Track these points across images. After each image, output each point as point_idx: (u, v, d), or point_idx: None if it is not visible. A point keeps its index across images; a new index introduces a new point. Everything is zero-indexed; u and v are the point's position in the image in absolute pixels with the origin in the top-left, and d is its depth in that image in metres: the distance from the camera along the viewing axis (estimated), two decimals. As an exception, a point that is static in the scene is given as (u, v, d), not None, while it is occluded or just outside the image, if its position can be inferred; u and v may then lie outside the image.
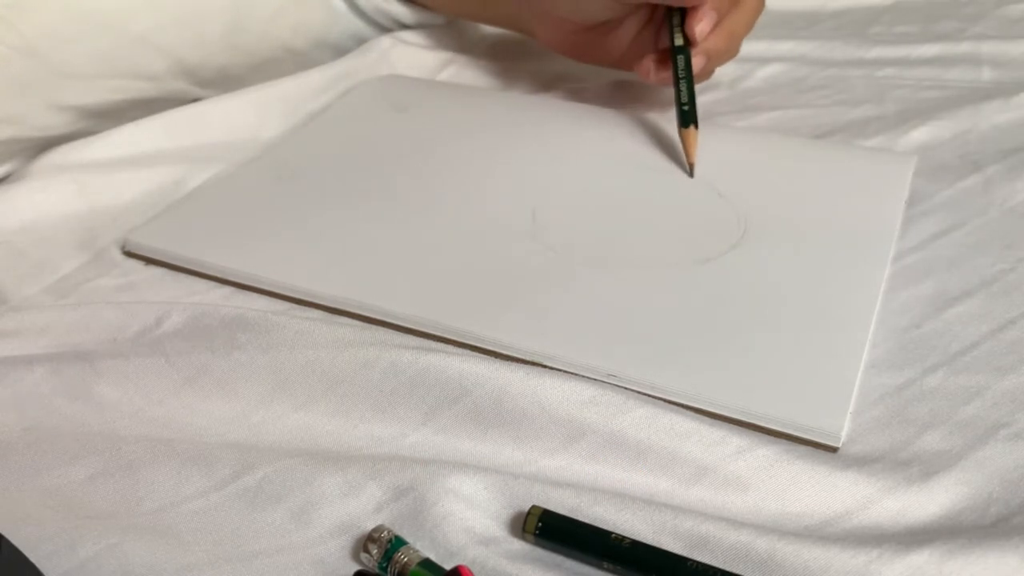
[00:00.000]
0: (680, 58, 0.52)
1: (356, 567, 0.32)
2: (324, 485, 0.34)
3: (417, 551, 0.31)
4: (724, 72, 0.64)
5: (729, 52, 0.55)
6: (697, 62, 0.53)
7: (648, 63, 0.55)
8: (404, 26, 0.70)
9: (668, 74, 0.53)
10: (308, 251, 0.46)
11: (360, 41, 0.68)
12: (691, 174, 0.51)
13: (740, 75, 0.64)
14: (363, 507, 0.34)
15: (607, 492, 0.34)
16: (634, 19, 0.56)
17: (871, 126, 0.57)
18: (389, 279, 0.44)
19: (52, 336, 0.42)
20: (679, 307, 0.42)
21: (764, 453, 0.34)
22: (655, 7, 0.55)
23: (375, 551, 0.32)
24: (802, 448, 0.35)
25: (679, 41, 0.53)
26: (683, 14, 0.53)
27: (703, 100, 0.61)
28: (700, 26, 0.51)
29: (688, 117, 0.52)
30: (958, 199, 0.49)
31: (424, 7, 0.69)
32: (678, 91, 0.52)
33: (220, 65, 0.61)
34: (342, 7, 0.67)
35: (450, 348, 0.40)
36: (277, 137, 0.58)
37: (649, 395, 0.37)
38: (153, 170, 0.53)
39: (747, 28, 0.55)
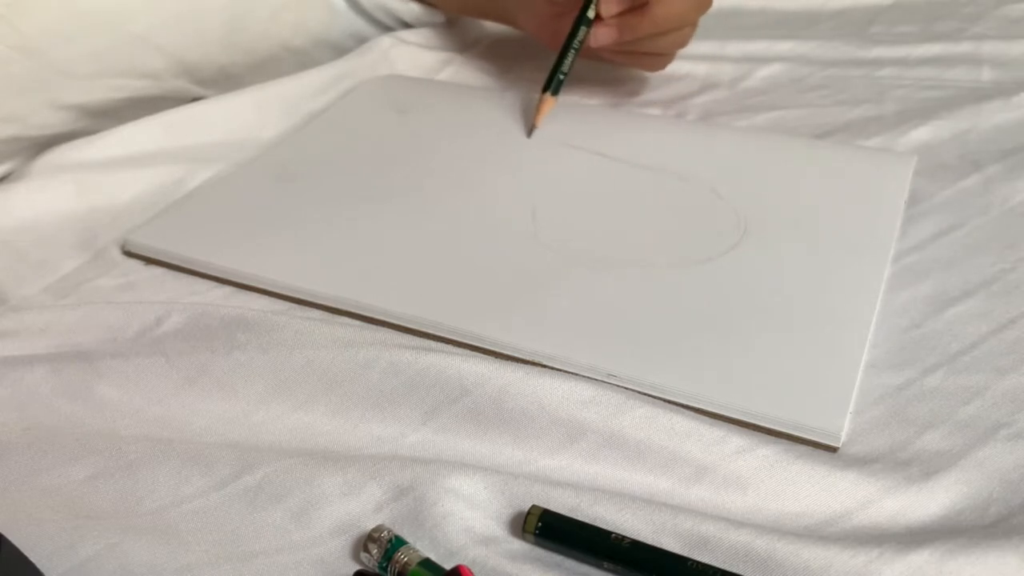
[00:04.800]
0: (582, 29, 0.56)
1: (356, 567, 0.32)
2: (324, 485, 0.34)
3: (417, 551, 0.31)
4: (724, 72, 0.64)
5: (668, 39, 0.56)
6: (607, 33, 0.55)
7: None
8: (404, 24, 0.70)
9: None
10: (308, 251, 0.46)
11: (360, 39, 0.68)
12: (529, 135, 0.55)
13: (740, 75, 0.64)
14: (363, 507, 0.34)
15: (607, 492, 0.34)
16: None
17: (871, 126, 0.57)
18: (389, 279, 0.44)
19: (52, 336, 0.42)
20: (679, 307, 0.42)
21: (764, 453, 0.34)
22: None
23: (375, 551, 0.32)
24: (802, 448, 0.35)
25: (590, 14, 0.55)
26: None
27: (702, 100, 0.61)
28: (608, 3, 0.54)
29: (556, 86, 0.56)
30: (958, 199, 0.49)
31: (423, 3, 0.69)
32: (561, 59, 0.56)
33: (220, 64, 0.61)
34: (342, 5, 0.67)
35: (450, 348, 0.40)
36: (277, 137, 0.58)
37: (648, 395, 0.37)
38: (153, 170, 0.53)
39: (679, 20, 0.55)
